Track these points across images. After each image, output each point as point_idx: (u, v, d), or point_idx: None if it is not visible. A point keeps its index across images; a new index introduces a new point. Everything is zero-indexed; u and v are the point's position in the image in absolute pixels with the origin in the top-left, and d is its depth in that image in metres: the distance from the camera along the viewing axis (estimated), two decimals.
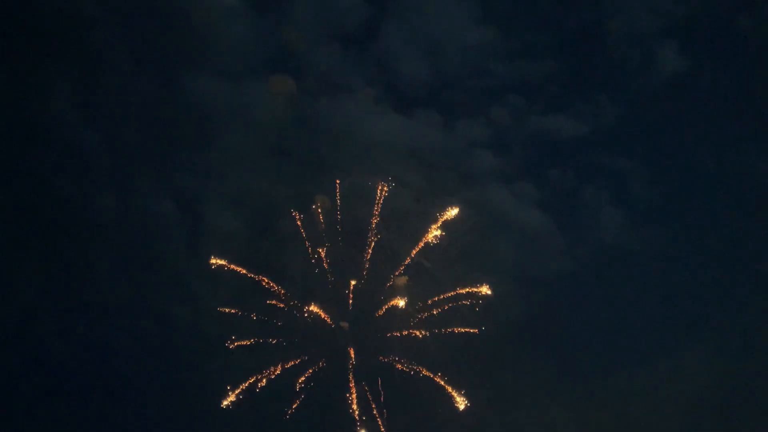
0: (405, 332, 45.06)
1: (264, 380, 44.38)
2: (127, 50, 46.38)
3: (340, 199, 46.05)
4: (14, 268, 45.28)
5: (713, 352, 46.67)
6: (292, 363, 44.63)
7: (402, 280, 45.40)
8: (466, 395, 43.83)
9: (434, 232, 44.92)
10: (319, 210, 45.42)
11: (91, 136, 46.64)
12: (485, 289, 44.68)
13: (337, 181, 45.92)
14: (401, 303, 44.54)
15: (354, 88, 49.69)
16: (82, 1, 44.73)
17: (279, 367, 44.46)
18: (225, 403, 43.48)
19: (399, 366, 44.91)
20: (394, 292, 45.10)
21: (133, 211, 46.84)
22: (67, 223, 46.32)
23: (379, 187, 45.57)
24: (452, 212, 44.92)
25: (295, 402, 43.99)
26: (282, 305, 45.09)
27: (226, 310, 44.50)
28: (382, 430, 43.80)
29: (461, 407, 43.64)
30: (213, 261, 44.57)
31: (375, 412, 44.06)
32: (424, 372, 44.54)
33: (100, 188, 47.03)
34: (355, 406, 44.02)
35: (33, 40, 44.72)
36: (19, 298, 44.92)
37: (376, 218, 45.55)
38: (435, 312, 45.05)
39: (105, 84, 46.53)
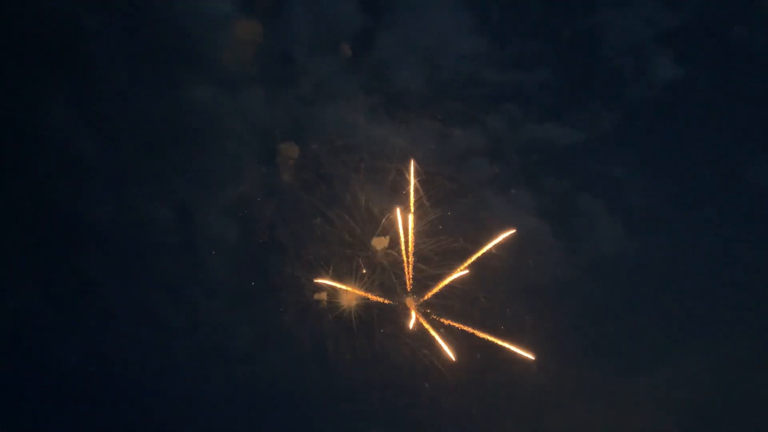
0: None
1: None
2: (124, 58, 46.84)
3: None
4: (11, 274, 45.80)
5: (713, 359, 46.74)
6: None
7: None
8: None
9: None
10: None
11: (89, 143, 47.15)
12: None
13: None
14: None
15: (350, 97, 49.90)
16: (79, 10, 45.13)
17: None
18: None
19: None
20: None
21: (130, 219, 47.32)
22: (65, 230, 46.93)
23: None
24: None
25: None
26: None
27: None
28: None
29: None
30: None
31: None
32: None
33: (97, 196, 47.56)
34: None
35: (30, 48, 45.24)
36: (16, 305, 45.47)
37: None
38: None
39: (102, 92, 46.98)
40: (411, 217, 45.68)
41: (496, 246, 47.31)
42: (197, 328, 46.75)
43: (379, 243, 46.23)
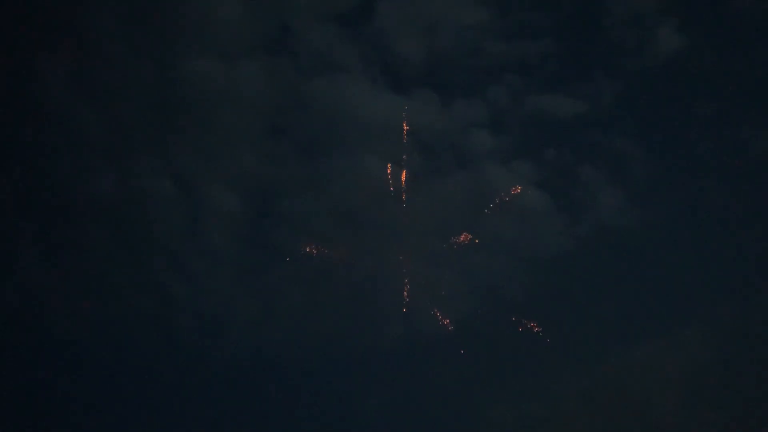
0: None
1: None
2: (122, 31, 46.69)
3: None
4: (13, 248, 46.25)
5: (712, 328, 46.84)
6: None
7: None
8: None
9: None
10: None
11: (88, 116, 47.18)
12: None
13: None
14: None
15: (350, 68, 49.75)
16: None
17: None
18: None
19: None
20: None
21: (131, 191, 47.58)
22: (66, 203, 47.16)
23: None
24: None
25: None
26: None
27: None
28: None
29: None
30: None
31: None
32: None
33: (98, 168, 47.63)
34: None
35: (27, 21, 45.18)
36: (19, 277, 45.98)
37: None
38: None
39: (101, 64, 46.93)
40: (403, 173, 45.99)
41: (498, 216, 47.82)
42: (199, 298, 47.01)
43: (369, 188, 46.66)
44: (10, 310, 45.34)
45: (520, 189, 49.20)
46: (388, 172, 47.23)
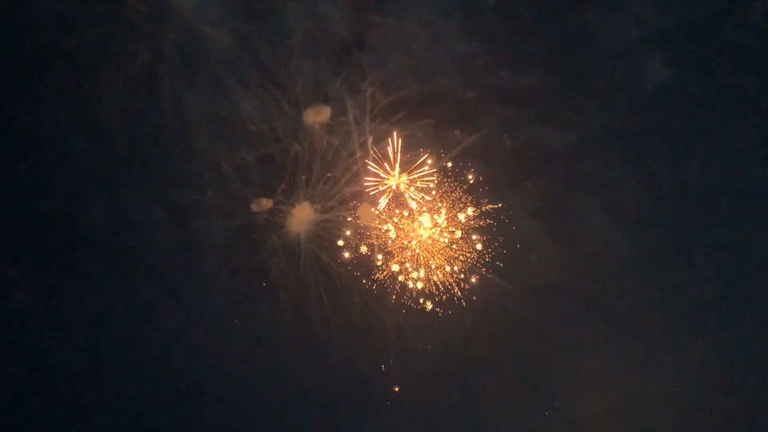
0: None
1: None
2: (116, 61, 47.19)
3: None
4: (6, 276, 46.28)
5: (707, 357, 46.85)
6: None
7: None
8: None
9: None
10: None
11: (81, 146, 47.68)
12: None
13: None
14: None
15: (341, 100, 50.24)
16: (69, 13, 45.60)
17: None
18: None
19: None
20: None
21: (123, 221, 47.89)
22: (59, 232, 47.28)
23: None
24: None
25: None
26: None
27: None
28: None
29: None
30: None
31: None
32: None
33: (91, 197, 47.95)
34: None
35: (20, 49, 45.78)
36: (11, 306, 45.92)
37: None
38: None
39: (94, 94, 47.36)
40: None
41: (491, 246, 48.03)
42: (192, 327, 46.90)
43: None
44: (3, 337, 45.20)
45: (513, 219, 49.57)
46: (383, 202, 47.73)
